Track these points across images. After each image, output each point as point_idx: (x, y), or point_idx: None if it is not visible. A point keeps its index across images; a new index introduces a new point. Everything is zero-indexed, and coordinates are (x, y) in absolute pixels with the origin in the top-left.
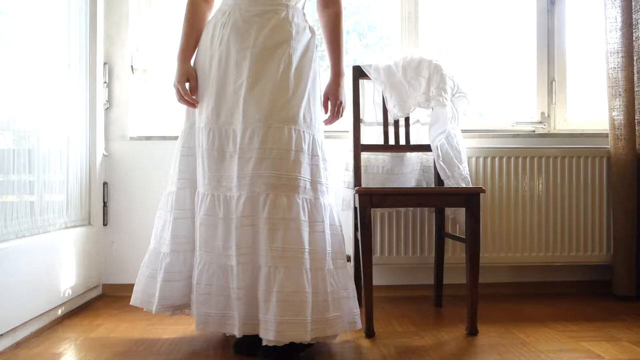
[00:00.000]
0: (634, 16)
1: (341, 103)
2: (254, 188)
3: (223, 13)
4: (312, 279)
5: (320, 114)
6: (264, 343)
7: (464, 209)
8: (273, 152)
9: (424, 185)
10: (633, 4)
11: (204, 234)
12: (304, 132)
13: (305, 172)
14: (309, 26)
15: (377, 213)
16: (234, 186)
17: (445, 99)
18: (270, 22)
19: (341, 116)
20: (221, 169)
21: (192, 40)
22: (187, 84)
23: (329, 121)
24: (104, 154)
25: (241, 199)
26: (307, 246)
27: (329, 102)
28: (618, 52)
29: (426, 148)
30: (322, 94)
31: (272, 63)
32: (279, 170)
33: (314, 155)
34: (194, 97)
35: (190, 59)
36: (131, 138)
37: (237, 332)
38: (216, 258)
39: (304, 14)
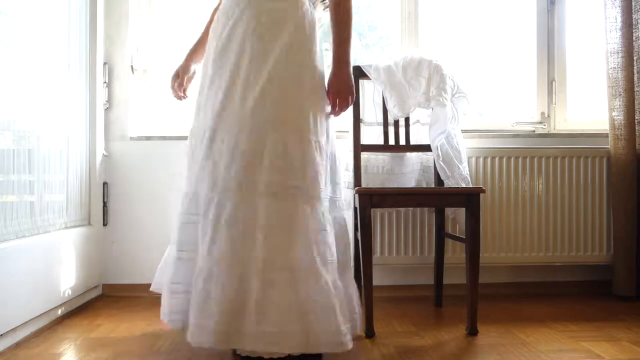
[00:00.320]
0: (634, 16)
1: (341, 95)
2: (197, 189)
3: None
4: (255, 286)
5: (310, 108)
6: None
7: (464, 209)
8: (224, 153)
9: (424, 185)
10: (633, 4)
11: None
12: (267, 129)
13: (265, 174)
14: (304, 8)
15: (377, 213)
16: (199, 187)
17: (445, 99)
18: (234, 15)
19: (346, 108)
20: (195, 169)
21: (200, 41)
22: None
23: (335, 114)
24: (104, 154)
25: (197, 198)
26: (255, 252)
27: (330, 94)
28: (618, 52)
29: (426, 148)
30: (316, 82)
31: (228, 58)
32: (229, 171)
33: (284, 155)
34: (181, 92)
35: (193, 57)
36: (131, 138)
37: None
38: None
39: None
